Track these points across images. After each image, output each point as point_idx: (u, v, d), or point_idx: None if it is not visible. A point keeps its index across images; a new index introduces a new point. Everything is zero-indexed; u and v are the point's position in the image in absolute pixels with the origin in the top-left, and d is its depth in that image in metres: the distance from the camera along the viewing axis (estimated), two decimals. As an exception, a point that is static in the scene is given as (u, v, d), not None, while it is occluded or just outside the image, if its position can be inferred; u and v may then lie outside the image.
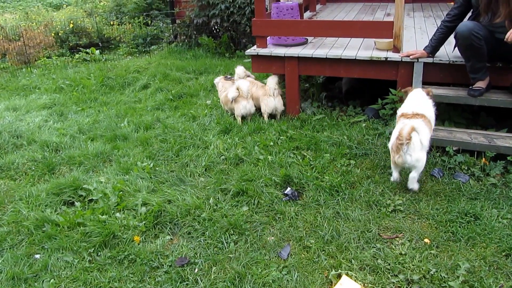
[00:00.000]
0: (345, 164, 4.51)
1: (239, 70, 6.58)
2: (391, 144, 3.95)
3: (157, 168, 4.70)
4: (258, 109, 5.92)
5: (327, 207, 3.88)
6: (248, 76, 6.39)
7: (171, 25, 11.01)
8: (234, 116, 5.85)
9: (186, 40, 10.63)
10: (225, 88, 6.28)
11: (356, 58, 5.28)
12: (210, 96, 7.17)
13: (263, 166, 4.54)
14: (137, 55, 11.63)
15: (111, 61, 10.22)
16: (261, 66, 5.80)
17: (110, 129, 5.82)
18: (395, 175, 4.06)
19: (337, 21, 5.58)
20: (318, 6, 8.84)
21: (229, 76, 6.48)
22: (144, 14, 13.00)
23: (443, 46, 4.92)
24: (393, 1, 7.82)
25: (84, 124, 6.07)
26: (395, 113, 5.09)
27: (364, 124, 5.30)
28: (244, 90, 5.69)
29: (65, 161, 5.03)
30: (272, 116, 5.88)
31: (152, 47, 11.96)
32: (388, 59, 5.17)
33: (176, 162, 4.84)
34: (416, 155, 3.78)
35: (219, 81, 6.48)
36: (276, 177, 4.29)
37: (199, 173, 4.58)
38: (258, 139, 5.12)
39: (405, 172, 4.09)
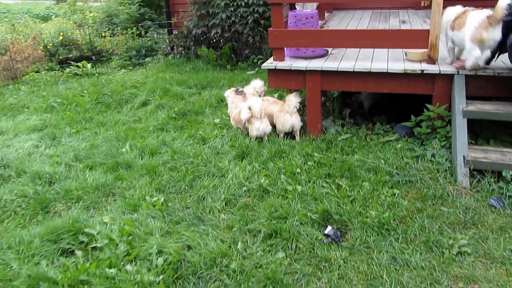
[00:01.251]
0: (389, 195, 3.87)
1: (258, 84, 5.92)
2: None
3: (169, 204, 4.01)
4: (272, 126, 5.25)
5: (379, 250, 3.22)
6: (264, 91, 5.77)
7: (167, 36, 10.30)
8: (249, 135, 5.18)
9: (183, 52, 9.95)
10: (235, 105, 5.62)
11: (388, 71, 4.66)
12: (218, 114, 6.49)
13: (294, 199, 3.87)
14: (131, 68, 10.90)
15: (105, 75, 9.49)
16: (279, 81, 5.15)
17: (111, 155, 5.10)
18: None
19: (366, 30, 4.96)
20: (325, 14, 8.24)
21: (240, 90, 5.81)
22: (138, 24, 12.29)
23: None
24: (404, 7, 7.25)
25: (81, 150, 5.34)
26: (433, 130, 4.49)
27: (399, 145, 4.67)
28: (257, 110, 5.03)
29: (61, 195, 4.31)
30: (287, 134, 5.22)
31: (147, 59, 11.26)
32: (425, 71, 4.56)
33: (190, 196, 4.14)
34: None
35: (229, 94, 5.81)
36: (312, 213, 3.63)
37: (219, 209, 3.90)
38: (281, 165, 4.46)
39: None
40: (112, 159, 4.98)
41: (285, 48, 5.47)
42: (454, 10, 4.45)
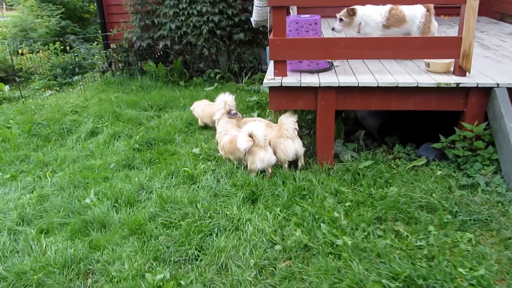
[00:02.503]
0: (465, 241, 3.04)
1: (228, 98, 4.99)
2: None
3: (181, 282, 2.82)
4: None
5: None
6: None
7: (103, 51, 8.82)
8: (248, 168, 4.14)
9: (124, 68, 8.55)
10: (226, 131, 4.52)
11: (418, 86, 3.89)
12: (192, 141, 5.32)
13: (350, 258, 2.90)
14: (58, 88, 9.24)
15: (31, 99, 7.79)
16: (283, 101, 4.16)
17: (72, 210, 3.74)
18: None
19: (389, 38, 4.13)
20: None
21: (233, 112, 4.71)
22: (62, 38, 10.58)
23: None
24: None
25: (25, 205, 3.89)
26: (473, 152, 3.79)
27: (438, 172, 3.90)
28: (261, 137, 4.01)
29: (9, 283, 2.91)
30: (291, 162, 4.27)
31: (75, 77, 9.65)
32: (461, 84, 3.86)
33: (207, 265, 2.99)
34: None
35: (219, 116, 4.69)
36: (389, 280, 2.67)
37: (252, 282, 2.80)
38: (311, 208, 3.46)
39: None
40: (76, 217, 3.63)
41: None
42: None
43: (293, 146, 4.27)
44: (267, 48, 8.29)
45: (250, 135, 4.03)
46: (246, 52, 8.18)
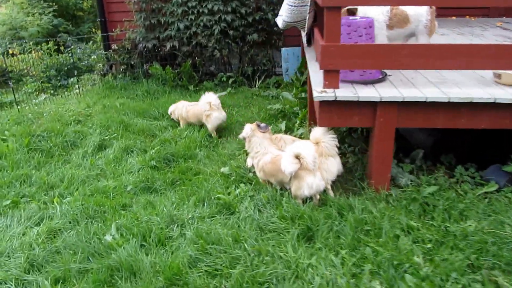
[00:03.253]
0: None
1: (212, 98, 5.26)
2: None
3: None
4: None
5: None
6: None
7: (104, 53, 8.09)
8: (293, 194, 3.53)
9: (126, 72, 7.84)
10: (265, 149, 3.90)
11: (496, 101, 3.32)
12: (215, 156, 4.69)
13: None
14: (52, 91, 8.52)
15: (23, 103, 7.04)
16: (335, 117, 3.55)
17: (91, 251, 3.10)
18: None
19: (462, 45, 3.54)
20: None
21: (263, 124, 4.09)
22: (56, 38, 9.81)
23: None
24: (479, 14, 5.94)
25: (34, 244, 3.23)
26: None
27: (520, 201, 3.34)
28: (310, 159, 3.39)
29: None
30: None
31: (71, 80, 8.91)
32: (548, 99, 3.30)
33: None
34: None
35: (250, 132, 4.06)
36: None
37: None
38: (384, 251, 2.86)
39: None
40: (98, 261, 2.98)
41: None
42: None
43: (336, 165, 3.70)
44: (283, 49, 7.71)
45: (297, 157, 3.42)
46: (260, 54, 7.56)
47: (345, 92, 3.47)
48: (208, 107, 5.24)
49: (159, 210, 3.56)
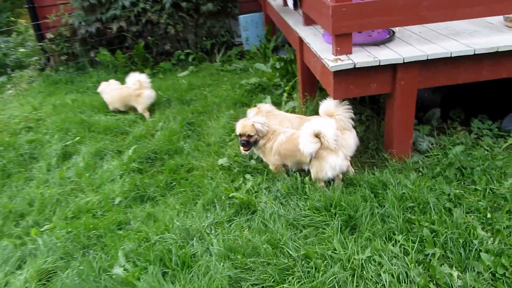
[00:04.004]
0: None
1: (142, 77, 5.00)
2: None
3: None
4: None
5: None
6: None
7: (38, 44, 7.03)
8: (313, 177, 3.13)
9: (68, 62, 6.89)
10: (275, 128, 3.44)
11: (521, 47, 3.05)
12: (204, 146, 4.15)
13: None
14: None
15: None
16: (351, 87, 3.14)
17: (103, 290, 2.51)
18: None
19: None
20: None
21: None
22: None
23: None
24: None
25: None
26: None
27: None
28: (331, 137, 2.98)
29: None
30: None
31: (0, 79, 7.77)
32: None
33: None
34: None
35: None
36: None
37: None
38: (441, 228, 2.55)
39: None
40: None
41: (325, 33, 3.49)
42: None
43: (353, 139, 3.33)
44: (240, 17, 7.10)
45: (317, 135, 2.99)
46: (216, 25, 6.91)
47: (362, 57, 3.04)
48: (137, 86, 4.94)
49: (166, 223, 3.01)
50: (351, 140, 3.34)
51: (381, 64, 3.00)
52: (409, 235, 2.59)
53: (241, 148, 3.48)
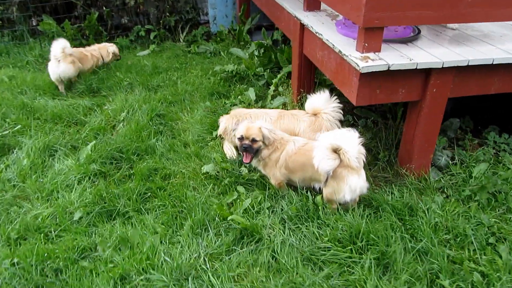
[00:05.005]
0: None
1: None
2: None
3: None
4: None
5: None
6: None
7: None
8: (327, 198, 2.62)
9: (2, 30, 5.76)
10: (281, 136, 2.86)
11: None
12: (181, 146, 3.47)
13: None
14: None
15: None
16: (378, 91, 2.61)
17: None
18: None
19: None
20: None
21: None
22: None
23: None
24: None
25: None
26: None
27: None
28: (353, 154, 2.46)
29: None
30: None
31: None
32: None
33: None
34: None
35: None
36: None
37: None
38: (490, 271, 2.15)
39: None
40: None
41: (339, 26, 2.93)
42: None
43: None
44: (209, -8, 6.33)
45: (336, 150, 2.45)
46: (181, 0, 6.09)
47: (395, 58, 2.52)
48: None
49: (148, 253, 2.34)
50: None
51: (418, 67, 2.49)
52: (456, 279, 2.15)
53: (244, 156, 2.87)
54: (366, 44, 2.54)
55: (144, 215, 2.76)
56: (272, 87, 4.10)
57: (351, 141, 2.47)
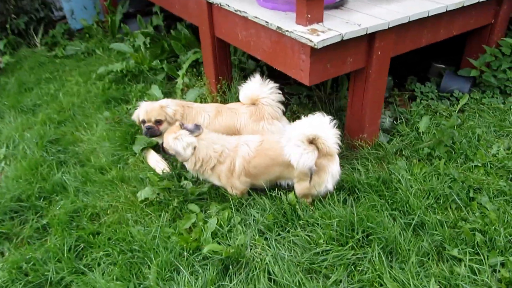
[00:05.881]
0: None
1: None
2: None
3: None
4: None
5: None
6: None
7: None
8: (301, 193, 2.36)
9: None
10: (225, 142, 2.45)
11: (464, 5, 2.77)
12: (94, 174, 2.83)
13: None
14: None
15: None
16: (329, 66, 2.35)
17: None
18: None
19: None
20: None
21: (191, 126, 2.51)
22: None
23: None
24: None
25: None
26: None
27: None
28: (332, 140, 2.21)
29: None
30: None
31: None
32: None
33: None
34: None
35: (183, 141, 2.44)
36: None
37: None
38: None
39: None
40: None
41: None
42: None
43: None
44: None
45: (312, 141, 2.16)
46: (27, -4, 5.05)
47: (343, 26, 2.27)
48: None
49: None
50: (280, 131, 2.62)
51: (368, 32, 2.28)
52: (461, 245, 2.06)
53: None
54: (309, 16, 2.23)
55: (87, 275, 2.14)
56: (179, 80, 3.59)
57: (326, 126, 2.18)
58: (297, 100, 3.23)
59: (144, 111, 2.64)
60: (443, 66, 3.60)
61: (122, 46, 4.26)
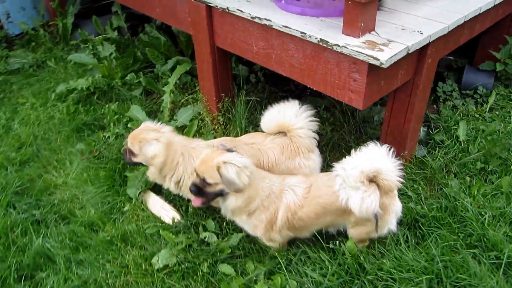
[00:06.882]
0: None
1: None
2: None
3: None
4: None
5: None
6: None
7: None
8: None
9: None
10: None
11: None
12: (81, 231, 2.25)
13: None
14: None
15: None
16: (382, 83, 1.92)
17: None
18: None
19: None
20: None
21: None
22: None
23: None
24: None
25: None
26: None
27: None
28: (394, 174, 1.79)
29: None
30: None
31: None
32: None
33: None
34: None
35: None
36: None
37: None
38: None
39: None
40: None
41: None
42: None
43: (319, 164, 2.25)
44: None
45: (372, 179, 1.74)
46: None
47: (407, 36, 1.83)
48: None
49: None
50: (317, 166, 2.20)
51: (431, 40, 1.86)
52: None
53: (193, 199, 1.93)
54: (363, 24, 1.77)
55: None
56: (166, 97, 2.99)
57: (385, 159, 1.76)
58: (316, 115, 2.77)
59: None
60: (451, 58, 3.29)
61: (83, 57, 3.54)
